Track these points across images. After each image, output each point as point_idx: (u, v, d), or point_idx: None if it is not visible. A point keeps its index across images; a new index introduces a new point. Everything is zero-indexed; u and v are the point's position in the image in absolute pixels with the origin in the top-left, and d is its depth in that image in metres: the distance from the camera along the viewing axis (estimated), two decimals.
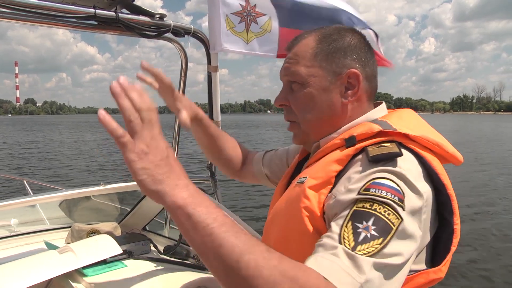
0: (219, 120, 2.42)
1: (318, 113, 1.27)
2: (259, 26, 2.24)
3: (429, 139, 1.13)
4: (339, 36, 1.28)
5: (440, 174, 1.08)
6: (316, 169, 1.18)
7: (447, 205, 1.09)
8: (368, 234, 0.91)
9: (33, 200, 2.31)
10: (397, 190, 0.96)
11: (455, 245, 1.10)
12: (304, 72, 1.26)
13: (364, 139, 1.14)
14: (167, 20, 2.12)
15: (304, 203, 1.11)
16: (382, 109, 1.32)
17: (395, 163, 1.02)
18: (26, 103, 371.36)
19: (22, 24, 1.84)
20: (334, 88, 1.25)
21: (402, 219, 0.93)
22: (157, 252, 2.37)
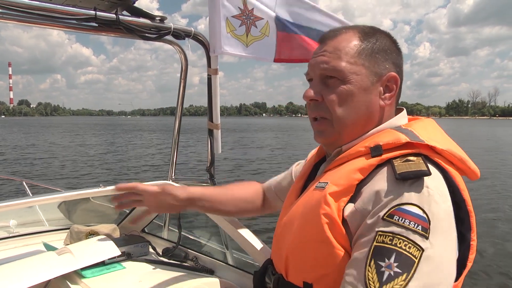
0: (218, 123, 2.40)
1: (356, 112, 1.22)
2: (258, 30, 2.23)
3: (455, 154, 1.12)
4: (380, 37, 1.25)
5: (462, 190, 1.07)
6: (338, 175, 1.15)
7: (465, 221, 1.07)
8: (392, 272, 0.91)
9: (32, 201, 2.29)
10: (422, 218, 0.95)
11: (471, 261, 1.09)
12: (346, 68, 1.20)
13: (390, 149, 1.12)
14: (167, 23, 2.11)
15: (325, 209, 1.10)
16: (403, 116, 1.30)
17: (423, 183, 1.00)
18: (20, 104, 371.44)
19: (22, 25, 1.82)
20: (373, 89, 1.22)
21: (423, 250, 0.92)
22: (156, 254, 2.35)
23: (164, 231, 2.73)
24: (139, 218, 1.75)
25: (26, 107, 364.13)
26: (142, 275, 2.03)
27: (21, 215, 3.05)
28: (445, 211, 0.99)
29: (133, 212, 2.58)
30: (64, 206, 3.16)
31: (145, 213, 1.72)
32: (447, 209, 0.99)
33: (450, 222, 1.00)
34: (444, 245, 0.96)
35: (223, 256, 2.43)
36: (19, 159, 21.94)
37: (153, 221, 2.64)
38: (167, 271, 2.13)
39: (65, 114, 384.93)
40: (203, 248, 2.64)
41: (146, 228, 2.68)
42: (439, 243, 0.94)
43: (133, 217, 1.73)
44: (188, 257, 2.29)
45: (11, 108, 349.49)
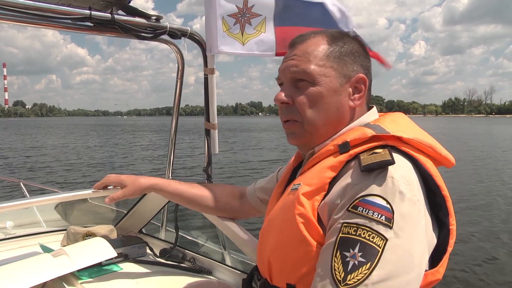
0: (215, 123, 2.39)
1: (326, 113, 1.25)
2: (253, 27, 2.22)
3: (422, 141, 1.14)
4: (347, 40, 1.30)
5: (434, 176, 1.09)
6: (310, 175, 1.18)
7: (442, 207, 1.10)
8: (356, 261, 0.93)
9: (29, 202, 2.28)
10: (385, 208, 0.97)
11: (451, 246, 1.11)
12: (316, 70, 1.24)
13: (357, 145, 1.14)
14: (163, 22, 2.09)
15: (299, 209, 1.12)
16: (373, 113, 1.33)
17: (387, 173, 1.02)
18: (15, 105, 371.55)
19: (17, 25, 1.80)
20: (343, 90, 1.25)
21: (387, 240, 0.94)
22: (153, 255, 2.34)
23: (162, 232, 2.72)
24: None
25: (21, 108, 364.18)
26: (139, 276, 2.02)
27: (17, 216, 3.04)
28: (411, 200, 1.00)
29: (130, 213, 2.57)
30: (61, 207, 3.15)
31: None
32: (413, 198, 1.00)
33: (418, 210, 1.01)
34: (410, 234, 0.97)
35: (221, 257, 2.42)
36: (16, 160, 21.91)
37: (151, 221, 2.62)
38: (164, 272, 2.12)
39: (60, 114, 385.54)
40: (200, 249, 2.62)
41: (144, 229, 2.67)
42: (404, 232, 0.96)
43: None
44: (186, 258, 2.28)
45: (6, 109, 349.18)
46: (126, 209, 2.67)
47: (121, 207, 3.08)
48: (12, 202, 1.97)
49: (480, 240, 7.80)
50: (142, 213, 2.55)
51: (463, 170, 16.23)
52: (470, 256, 6.87)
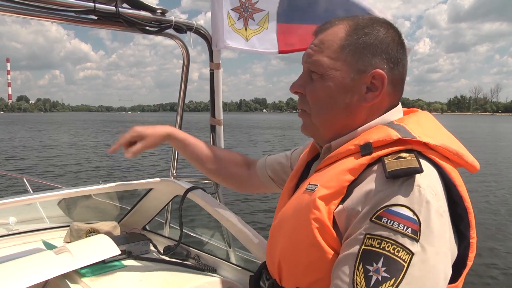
0: (221, 119, 2.37)
1: (332, 110, 1.19)
2: (256, 23, 2.18)
3: (449, 148, 1.06)
4: (373, 29, 1.18)
5: (458, 186, 1.03)
6: (327, 177, 1.11)
7: (463, 218, 1.03)
8: (379, 276, 0.89)
9: (32, 198, 2.26)
10: (412, 220, 0.92)
11: (471, 260, 1.06)
12: (326, 63, 1.17)
13: (380, 147, 1.07)
14: (168, 16, 2.07)
15: (314, 214, 1.06)
16: (398, 111, 1.24)
17: (414, 182, 0.96)
18: (19, 100, 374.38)
19: (19, 17, 1.78)
20: (354, 87, 1.16)
21: (413, 254, 0.89)
22: (157, 252, 2.31)
23: (166, 228, 2.70)
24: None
25: (25, 103, 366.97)
26: (142, 274, 2.00)
27: (20, 212, 3.04)
28: (437, 212, 0.94)
29: (134, 209, 2.55)
30: (64, 203, 3.14)
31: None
32: (439, 209, 0.95)
33: (443, 222, 0.95)
34: (436, 248, 0.92)
35: (225, 255, 2.40)
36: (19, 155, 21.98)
37: (155, 218, 2.61)
38: (168, 269, 2.10)
39: (64, 110, 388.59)
40: (205, 247, 2.61)
41: (147, 225, 2.66)
42: (431, 246, 0.91)
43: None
44: (190, 256, 2.25)
45: (10, 104, 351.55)
46: (130, 206, 2.66)
47: (125, 203, 3.07)
48: (15, 198, 1.96)
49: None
50: (146, 210, 2.53)
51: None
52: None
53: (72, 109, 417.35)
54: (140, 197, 2.49)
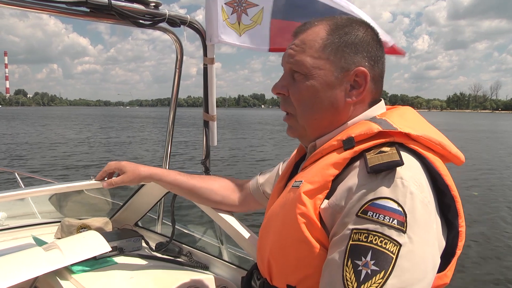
0: (214, 114, 2.37)
1: (319, 109, 1.21)
2: (249, 18, 2.16)
3: (431, 138, 1.09)
4: (352, 29, 1.21)
5: (443, 176, 1.04)
6: (312, 172, 1.14)
7: (451, 207, 1.05)
8: (369, 270, 0.90)
9: (22, 193, 2.25)
10: (397, 211, 0.93)
11: (460, 248, 1.07)
12: (309, 62, 1.19)
13: (362, 140, 1.09)
14: (162, 9, 2.06)
15: (300, 209, 1.08)
16: (380, 107, 1.26)
17: (395, 174, 0.98)
18: (17, 94, 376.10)
19: (9, 8, 1.76)
20: (339, 84, 1.19)
21: (400, 245, 0.90)
22: (149, 249, 2.33)
23: (158, 225, 2.70)
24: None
25: (23, 97, 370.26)
26: (134, 271, 2.00)
27: (11, 207, 3.04)
28: (422, 202, 0.95)
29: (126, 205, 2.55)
30: (55, 198, 3.14)
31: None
32: (424, 200, 0.96)
33: (429, 212, 0.97)
34: (423, 238, 0.93)
35: (218, 252, 2.40)
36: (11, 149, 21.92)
37: (147, 214, 2.62)
38: (160, 266, 2.10)
39: (62, 104, 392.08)
40: (197, 243, 2.62)
41: (139, 222, 2.66)
42: (418, 236, 0.92)
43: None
44: (182, 253, 2.27)
45: (7, 97, 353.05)
46: (122, 201, 2.66)
47: (117, 199, 3.07)
48: (5, 192, 1.95)
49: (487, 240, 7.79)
50: (138, 206, 2.54)
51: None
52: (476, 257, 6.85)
53: (70, 103, 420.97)
54: (132, 193, 2.49)
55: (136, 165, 1.84)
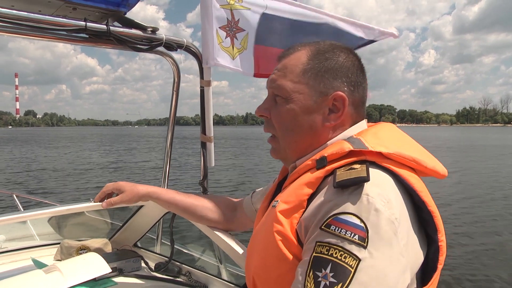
0: (211, 135, 2.44)
1: (298, 132, 1.28)
2: (239, 42, 2.27)
3: (404, 155, 1.14)
4: (333, 55, 1.28)
5: (419, 192, 1.09)
6: (288, 192, 1.20)
7: (429, 222, 1.10)
8: (327, 282, 0.94)
9: (22, 217, 2.30)
10: (359, 227, 0.97)
11: (441, 263, 1.12)
12: (289, 87, 1.27)
13: (335, 160, 1.15)
14: (159, 34, 2.15)
15: (276, 227, 1.14)
16: (360, 126, 1.31)
17: (362, 190, 1.02)
18: (27, 114, 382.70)
19: (11, 36, 1.85)
20: (317, 108, 1.26)
21: (359, 260, 0.94)
22: (148, 269, 2.38)
23: (157, 245, 2.75)
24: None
25: (32, 118, 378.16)
26: None
27: (10, 230, 3.07)
28: (388, 219, 0.98)
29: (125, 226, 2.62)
30: (54, 220, 3.19)
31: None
32: (391, 216, 0.99)
33: (396, 229, 0.99)
34: (386, 254, 0.96)
35: (217, 271, 2.45)
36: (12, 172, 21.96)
37: (146, 235, 2.66)
38: (160, 287, 2.16)
39: (70, 124, 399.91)
40: (196, 263, 2.66)
41: (139, 242, 2.71)
42: (380, 252, 0.95)
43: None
44: (181, 272, 2.33)
45: (17, 118, 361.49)
46: (121, 222, 2.71)
47: (115, 220, 3.12)
48: (5, 216, 1.98)
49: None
50: (137, 226, 2.59)
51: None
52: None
53: (78, 123, 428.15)
54: (131, 213, 2.54)
55: (134, 184, 1.91)
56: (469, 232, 9.54)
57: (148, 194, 1.91)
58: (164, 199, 1.92)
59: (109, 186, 1.94)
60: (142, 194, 1.90)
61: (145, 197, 1.92)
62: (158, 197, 1.91)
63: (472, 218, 10.97)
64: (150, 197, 1.92)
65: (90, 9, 2.01)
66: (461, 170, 21.20)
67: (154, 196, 1.91)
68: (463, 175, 19.29)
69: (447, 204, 12.51)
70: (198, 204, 1.93)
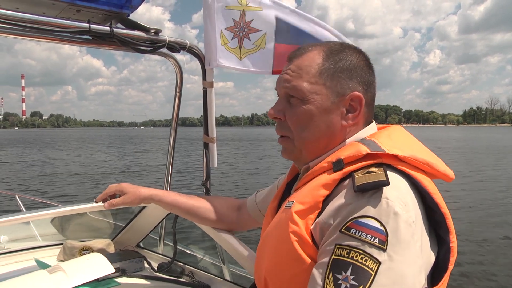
0: (214, 136, 2.47)
1: (315, 132, 1.29)
2: (252, 43, 2.28)
3: (418, 159, 1.16)
4: (346, 55, 1.30)
5: (432, 194, 1.12)
6: (303, 193, 1.21)
7: (441, 224, 1.13)
8: (348, 284, 0.96)
9: (25, 217, 2.33)
10: (379, 230, 0.99)
11: (452, 264, 1.14)
12: (306, 88, 1.27)
13: (351, 162, 1.17)
14: (162, 35, 2.18)
15: (292, 228, 1.15)
16: (371, 128, 1.34)
17: (382, 194, 1.04)
18: (33, 116, 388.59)
19: (16, 38, 1.88)
20: (335, 109, 1.27)
21: (380, 263, 0.97)
22: (151, 269, 2.41)
23: (160, 246, 2.78)
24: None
25: (38, 119, 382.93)
26: None
27: (13, 231, 3.08)
28: (406, 222, 1.01)
29: (128, 227, 2.65)
30: (57, 221, 3.20)
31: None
32: (408, 219, 1.02)
33: (413, 232, 1.02)
34: (405, 257, 0.99)
35: (219, 271, 2.48)
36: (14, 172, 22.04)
37: (149, 235, 2.70)
38: (162, 287, 2.19)
39: (76, 125, 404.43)
40: (199, 263, 2.68)
41: (141, 243, 2.75)
42: (399, 255, 0.98)
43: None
44: (184, 273, 2.35)
45: (24, 120, 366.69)
46: (124, 223, 2.75)
47: (118, 220, 3.14)
48: (6, 217, 2.03)
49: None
50: (140, 227, 2.62)
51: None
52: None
53: (84, 124, 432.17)
54: (134, 214, 2.58)
55: (137, 187, 1.93)
56: (479, 233, 9.57)
57: (150, 197, 1.93)
58: (166, 201, 1.94)
59: (111, 187, 1.96)
60: (144, 197, 1.92)
61: (147, 200, 1.94)
62: (160, 199, 1.94)
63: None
64: (152, 200, 1.94)
65: (93, 11, 2.04)
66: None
67: (156, 199, 1.94)
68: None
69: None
70: (201, 206, 1.95)
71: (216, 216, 1.96)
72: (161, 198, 1.94)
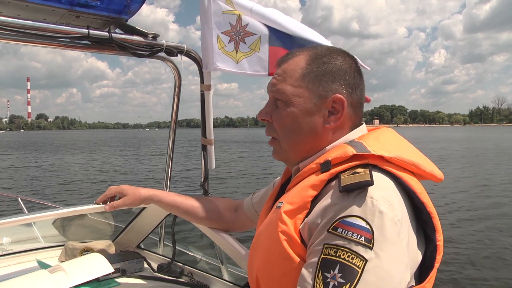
0: (212, 139, 2.52)
1: (299, 134, 1.34)
2: (247, 46, 2.32)
3: (405, 159, 1.20)
4: (331, 58, 1.34)
5: (418, 193, 1.15)
6: (292, 194, 1.26)
7: (428, 223, 1.16)
8: (336, 282, 1.00)
9: (27, 219, 2.36)
10: (365, 229, 1.03)
11: (438, 262, 1.17)
12: (290, 91, 1.32)
13: (339, 163, 1.21)
14: (160, 40, 2.24)
15: (281, 227, 1.19)
16: (361, 130, 1.38)
17: (367, 194, 1.07)
18: (38, 118, 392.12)
19: (18, 44, 1.93)
20: (317, 111, 1.31)
21: (366, 260, 0.99)
22: (151, 270, 2.47)
23: (159, 246, 2.83)
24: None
25: (44, 121, 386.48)
26: None
27: (15, 232, 3.12)
28: (392, 220, 1.04)
29: (128, 228, 2.71)
30: (59, 222, 3.24)
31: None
32: (394, 218, 1.05)
33: (399, 230, 1.05)
34: (390, 255, 1.02)
35: (218, 271, 2.52)
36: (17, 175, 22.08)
37: (149, 236, 2.75)
38: (162, 287, 2.25)
39: (81, 127, 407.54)
40: (198, 264, 2.73)
41: (141, 243, 2.80)
42: (385, 252, 1.01)
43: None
44: (184, 273, 2.41)
45: (29, 122, 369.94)
46: (124, 224, 2.80)
47: (119, 222, 3.19)
48: (9, 218, 2.07)
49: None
50: (140, 228, 2.68)
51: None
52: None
53: (89, 126, 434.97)
54: (134, 215, 2.63)
55: (136, 188, 1.98)
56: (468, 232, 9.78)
57: (150, 197, 1.99)
58: (166, 202, 2.00)
59: (111, 189, 2.00)
60: (144, 198, 1.98)
61: (147, 200, 1.99)
62: (160, 200, 1.99)
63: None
64: (152, 200, 2.00)
65: (92, 17, 2.09)
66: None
67: (155, 199, 1.99)
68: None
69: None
70: (199, 206, 2.01)
71: (213, 217, 2.01)
72: (161, 199, 2.00)
